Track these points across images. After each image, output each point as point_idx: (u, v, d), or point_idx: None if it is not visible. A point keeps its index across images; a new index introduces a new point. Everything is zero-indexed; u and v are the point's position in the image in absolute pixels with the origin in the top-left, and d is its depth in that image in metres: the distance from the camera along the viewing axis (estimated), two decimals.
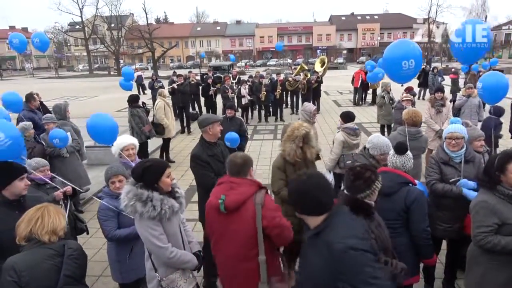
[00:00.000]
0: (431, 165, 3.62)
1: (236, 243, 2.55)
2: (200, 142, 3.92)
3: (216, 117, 3.96)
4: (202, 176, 3.82)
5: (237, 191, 2.58)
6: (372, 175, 2.42)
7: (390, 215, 2.93)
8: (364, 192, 2.38)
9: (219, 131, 3.91)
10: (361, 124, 12.11)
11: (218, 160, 3.87)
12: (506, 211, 2.60)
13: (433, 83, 15.30)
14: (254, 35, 70.52)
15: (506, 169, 2.59)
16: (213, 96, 12.87)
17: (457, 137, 3.48)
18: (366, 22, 70.30)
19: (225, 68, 25.14)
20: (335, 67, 46.71)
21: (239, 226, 2.54)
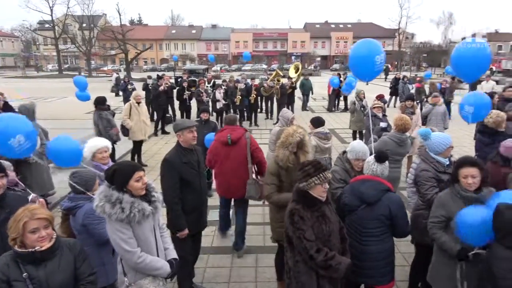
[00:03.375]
0: (427, 180, 3.63)
1: (235, 163, 4.69)
2: (175, 147, 3.78)
3: (188, 123, 3.76)
4: (165, 189, 3.63)
5: (236, 131, 4.77)
6: (311, 169, 2.69)
7: (372, 224, 3.02)
8: (301, 182, 2.71)
9: (192, 139, 3.72)
10: (334, 130, 12.33)
11: (192, 168, 3.73)
12: (454, 207, 2.86)
13: (403, 91, 15.78)
14: (229, 39, 70.62)
15: (458, 173, 2.89)
16: (188, 100, 12.77)
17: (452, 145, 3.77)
18: (339, 30, 71.94)
19: (200, 71, 25.03)
20: (309, 73, 47.29)
21: (238, 152, 4.71)
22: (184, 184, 3.67)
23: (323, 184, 2.71)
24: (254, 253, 4.96)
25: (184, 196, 3.69)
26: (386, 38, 68.16)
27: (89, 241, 2.98)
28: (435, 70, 44.67)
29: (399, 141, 5.02)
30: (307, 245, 2.62)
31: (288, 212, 2.77)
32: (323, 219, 2.72)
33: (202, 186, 3.91)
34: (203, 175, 3.97)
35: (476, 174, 2.81)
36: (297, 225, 2.66)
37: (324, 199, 2.79)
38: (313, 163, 2.80)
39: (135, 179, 2.52)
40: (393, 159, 4.99)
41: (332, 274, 2.65)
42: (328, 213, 2.79)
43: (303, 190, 2.75)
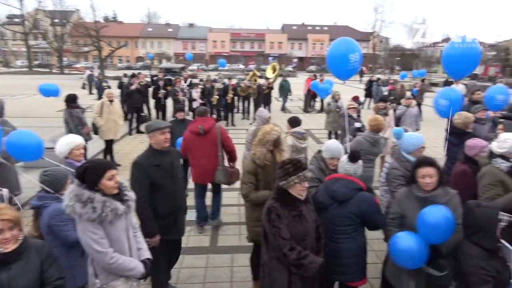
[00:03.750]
0: (395, 178, 3.74)
1: (207, 151, 5.17)
2: (147, 149, 3.60)
3: (160, 124, 3.55)
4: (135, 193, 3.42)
5: (207, 122, 5.23)
6: (291, 167, 2.71)
7: (343, 221, 3.05)
8: (281, 181, 2.73)
9: (164, 141, 3.51)
10: (309, 130, 12.44)
11: (164, 171, 3.52)
12: (408, 205, 2.98)
13: (377, 93, 16.14)
14: (207, 39, 70.20)
15: (416, 174, 2.96)
16: (163, 99, 12.60)
17: (424, 145, 3.88)
18: (316, 32, 72.89)
19: (177, 70, 24.70)
20: (286, 74, 47.66)
21: (209, 141, 5.18)
22: (155, 188, 3.45)
23: (302, 183, 2.73)
24: (229, 252, 4.94)
25: (155, 201, 3.48)
26: (361, 41, 69.03)
27: (55, 242, 2.87)
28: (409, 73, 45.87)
29: (373, 141, 5.13)
30: (281, 243, 2.65)
31: (266, 209, 2.79)
32: (299, 219, 2.75)
33: (176, 190, 3.65)
34: (179, 179, 3.72)
35: (433, 173, 2.87)
36: (273, 222, 2.69)
37: (303, 198, 2.80)
38: (293, 162, 2.81)
39: (108, 178, 2.46)
40: (367, 158, 5.10)
41: (304, 273, 2.69)
42: (306, 212, 2.82)
43: (283, 189, 2.76)
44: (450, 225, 2.59)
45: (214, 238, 5.38)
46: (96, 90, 15.77)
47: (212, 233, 5.52)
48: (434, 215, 2.61)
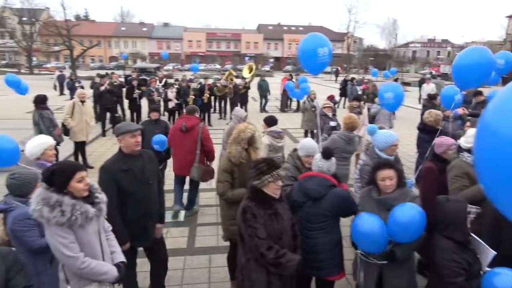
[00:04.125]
0: (367, 174, 3.78)
1: (187, 147, 5.56)
2: (116, 153, 3.37)
3: (130, 127, 3.31)
4: None
5: (191, 120, 5.61)
6: (265, 166, 2.71)
7: (318, 218, 3.07)
8: (255, 180, 2.72)
9: (135, 144, 3.27)
10: (286, 130, 12.52)
11: (134, 176, 3.27)
12: (367, 206, 3.03)
13: (351, 92, 16.43)
14: (182, 38, 69.45)
15: (376, 176, 2.98)
16: (138, 99, 12.36)
17: (397, 143, 3.94)
18: (291, 32, 73.41)
19: (152, 70, 24.33)
20: (262, 74, 47.87)
21: (190, 138, 5.55)
22: (123, 194, 3.24)
23: (276, 181, 2.74)
24: (207, 253, 4.89)
25: (124, 207, 3.27)
26: (336, 42, 70.49)
27: (21, 248, 2.76)
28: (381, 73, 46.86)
29: (348, 139, 5.20)
30: (258, 242, 2.63)
31: (240, 209, 2.76)
32: (275, 217, 2.75)
33: (147, 196, 3.40)
34: (151, 185, 3.45)
35: (393, 175, 2.90)
36: (249, 222, 2.66)
37: (278, 196, 2.81)
38: (266, 161, 2.82)
39: (77, 180, 2.36)
40: (342, 156, 5.17)
41: (283, 271, 2.69)
42: (281, 210, 2.82)
43: (257, 188, 2.76)
44: (420, 226, 2.62)
45: (191, 239, 5.31)
46: (69, 90, 15.31)
47: (190, 234, 5.45)
48: (404, 214, 2.63)
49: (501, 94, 1.41)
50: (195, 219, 5.95)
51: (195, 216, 6.04)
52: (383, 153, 3.89)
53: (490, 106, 1.43)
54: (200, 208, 6.29)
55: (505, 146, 1.29)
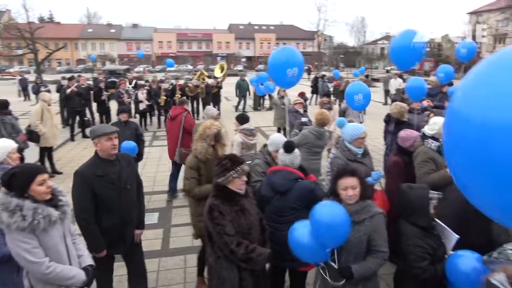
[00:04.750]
0: (337, 167, 3.82)
1: (174, 133, 6.41)
2: (92, 157, 3.23)
3: (106, 129, 3.18)
4: (75, 205, 3.07)
5: (176, 110, 6.56)
6: (228, 163, 2.72)
7: (287, 212, 3.10)
8: (219, 177, 2.71)
9: (111, 147, 3.13)
10: (259, 127, 12.57)
11: (109, 182, 3.13)
12: None
13: (323, 89, 16.67)
14: (152, 39, 68.32)
15: (338, 185, 2.65)
16: (106, 101, 12.08)
17: (365, 136, 3.95)
18: (262, 32, 73.67)
19: (121, 72, 23.80)
20: (234, 74, 47.86)
21: (175, 125, 6.40)
22: (99, 200, 3.10)
23: (241, 177, 2.74)
24: (182, 254, 4.85)
25: (99, 214, 3.14)
26: (306, 40, 71.48)
27: None
28: (351, 70, 47.82)
29: (318, 134, 5.28)
30: (228, 240, 2.62)
31: (207, 208, 2.75)
32: (242, 213, 2.76)
33: (124, 203, 3.24)
34: (128, 190, 3.30)
35: (356, 184, 2.58)
36: (217, 220, 2.65)
37: (243, 192, 2.82)
38: (229, 157, 2.83)
39: (38, 183, 2.28)
40: (313, 151, 5.25)
41: (254, 266, 2.70)
42: (248, 206, 2.83)
43: (222, 185, 2.75)
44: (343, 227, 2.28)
45: (166, 240, 5.25)
46: (34, 95, 14.76)
47: (164, 235, 5.39)
48: (326, 212, 2.33)
49: (468, 80, 1.43)
50: (169, 220, 5.89)
51: (170, 217, 5.97)
52: (352, 145, 3.98)
53: (459, 92, 1.45)
54: (174, 209, 6.23)
55: (474, 132, 1.30)
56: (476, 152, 1.30)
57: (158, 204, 6.45)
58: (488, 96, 1.28)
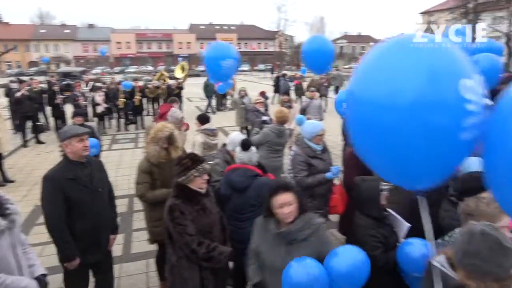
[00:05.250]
0: (298, 164, 3.94)
1: None
2: (61, 160, 3.10)
3: (77, 130, 3.08)
4: (46, 212, 2.94)
5: (164, 107, 6.64)
6: (189, 162, 2.70)
7: (247, 209, 3.13)
8: (180, 177, 2.69)
9: (83, 149, 3.02)
10: (222, 128, 12.55)
11: (82, 185, 3.01)
12: (264, 242, 2.47)
13: (284, 88, 16.90)
14: (110, 40, 66.20)
15: (272, 204, 2.35)
16: (61, 105, 11.57)
17: (324, 133, 4.04)
18: (224, 32, 73.51)
19: (77, 74, 22.90)
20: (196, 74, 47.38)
21: None
22: (71, 205, 2.97)
23: (202, 176, 2.74)
24: (144, 258, 4.76)
25: (72, 219, 2.99)
26: (267, 40, 72.14)
27: None
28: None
29: (278, 132, 5.36)
30: (189, 239, 2.62)
31: (167, 208, 2.72)
32: (203, 212, 2.75)
33: (97, 206, 3.12)
34: (100, 193, 3.20)
35: (292, 200, 2.32)
36: (178, 220, 2.64)
37: (204, 191, 2.81)
38: (190, 156, 2.82)
39: None
40: (274, 149, 5.32)
41: (215, 265, 2.71)
42: (209, 205, 2.83)
43: (182, 184, 2.73)
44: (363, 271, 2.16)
45: (127, 245, 5.13)
46: None
47: (125, 240, 5.26)
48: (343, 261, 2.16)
49: (360, 66, 1.66)
50: (131, 225, 5.74)
51: (131, 222, 5.83)
52: (311, 142, 4.07)
53: (353, 77, 1.67)
54: (135, 213, 6.08)
55: (367, 111, 1.53)
56: (366, 124, 1.56)
57: (119, 209, 6.14)
58: (372, 80, 1.56)
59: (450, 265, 1.73)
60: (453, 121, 1.40)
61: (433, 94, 1.39)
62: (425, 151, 1.45)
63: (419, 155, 1.47)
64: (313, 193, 3.94)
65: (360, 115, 1.61)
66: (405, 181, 1.70)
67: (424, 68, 1.42)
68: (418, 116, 1.40)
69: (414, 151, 1.46)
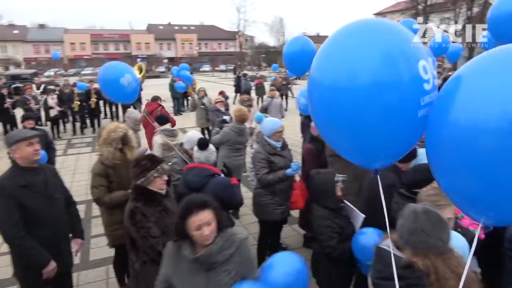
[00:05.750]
0: (258, 161, 3.96)
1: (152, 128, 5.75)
2: (10, 167, 2.89)
3: (25, 133, 2.89)
4: (4, 222, 2.72)
5: (151, 106, 7.45)
6: (148, 163, 2.67)
7: None
8: (139, 179, 2.64)
9: (33, 153, 2.83)
10: (184, 129, 12.39)
11: (37, 192, 2.83)
12: (176, 269, 2.06)
13: (245, 87, 16.98)
14: (63, 41, 63.29)
15: (187, 226, 1.96)
16: (10, 109, 10.95)
17: (283, 130, 4.08)
18: (183, 32, 72.51)
19: (27, 77, 21.73)
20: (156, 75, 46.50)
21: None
22: (27, 214, 2.76)
23: (161, 176, 2.70)
24: (104, 265, 4.62)
25: (29, 230, 2.77)
26: (228, 40, 71.98)
27: None
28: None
29: (239, 131, 5.37)
30: (153, 242, 2.57)
31: (128, 212, 2.64)
32: (165, 213, 2.71)
33: (54, 214, 2.92)
34: (57, 200, 2.99)
35: (211, 218, 1.97)
36: (140, 223, 2.57)
37: (164, 192, 2.78)
38: (148, 157, 2.78)
39: None
40: (235, 148, 5.34)
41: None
42: (170, 206, 2.79)
43: (142, 187, 2.67)
44: None
45: (85, 253, 4.94)
46: None
47: (83, 248, 5.04)
48: None
49: (319, 52, 1.73)
50: (89, 231, 5.54)
51: (89, 228, 5.62)
52: (271, 139, 4.12)
53: (313, 63, 1.73)
54: (93, 219, 5.87)
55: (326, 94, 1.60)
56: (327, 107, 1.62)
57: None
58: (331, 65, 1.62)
59: (396, 248, 1.84)
60: (413, 100, 1.49)
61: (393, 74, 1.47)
62: (387, 129, 1.53)
63: (380, 134, 1.55)
64: (274, 190, 3.99)
65: (321, 97, 1.67)
66: (365, 160, 1.77)
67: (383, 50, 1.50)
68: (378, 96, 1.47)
69: (374, 130, 1.53)
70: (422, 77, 1.50)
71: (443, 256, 1.74)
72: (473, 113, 1.25)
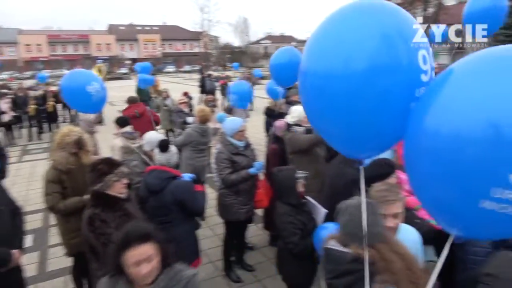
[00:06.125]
0: (221, 161, 3.92)
1: (144, 129, 4.90)
2: None
3: None
4: None
5: (140, 107, 7.09)
6: (105, 167, 2.56)
7: (162, 211, 3.04)
8: (96, 184, 2.52)
9: None
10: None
11: None
12: None
13: (210, 88, 16.88)
14: (17, 42, 60.20)
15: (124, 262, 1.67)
16: None
17: (245, 129, 4.06)
18: (146, 32, 71.08)
19: None
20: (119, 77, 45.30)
21: (145, 121, 6.48)
22: None
23: (121, 180, 2.60)
24: (62, 275, 4.43)
25: None
26: (192, 41, 71.17)
27: None
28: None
29: (201, 131, 5.31)
30: None
31: (86, 219, 2.51)
32: (127, 218, 2.59)
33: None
34: (1, 212, 2.81)
35: (153, 254, 1.69)
36: (100, 230, 2.46)
37: (125, 196, 2.67)
38: (105, 161, 2.66)
39: None
40: (198, 149, 5.27)
41: None
42: (132, 210, 2.69)
43: (100, 192, 2.56)
44: None
45: (43, 263, 4.71)
46: None
47: (40, 258, 4.83)
48: None
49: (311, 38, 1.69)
50: (46, 241, 5.29)
51: (46, 238, 5.37)
52: (233, 139, 4.09)
53: (305, 50, 1.70)
54: (52, 228, 5.61)
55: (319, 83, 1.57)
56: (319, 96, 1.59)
57: (32, 225, 5.72)
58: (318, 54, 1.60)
59: (341, 245, 1.89)
60: (409, 88, 1.46)
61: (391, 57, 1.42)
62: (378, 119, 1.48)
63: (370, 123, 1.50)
64: (238, 190, 3.96)
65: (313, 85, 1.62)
66: (352, 149, 1.75)
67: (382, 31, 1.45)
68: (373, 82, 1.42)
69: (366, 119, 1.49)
70: (421, 67, 1.46)
71: (387, 242, 1.81)
72: (456, 122, 1.18)
